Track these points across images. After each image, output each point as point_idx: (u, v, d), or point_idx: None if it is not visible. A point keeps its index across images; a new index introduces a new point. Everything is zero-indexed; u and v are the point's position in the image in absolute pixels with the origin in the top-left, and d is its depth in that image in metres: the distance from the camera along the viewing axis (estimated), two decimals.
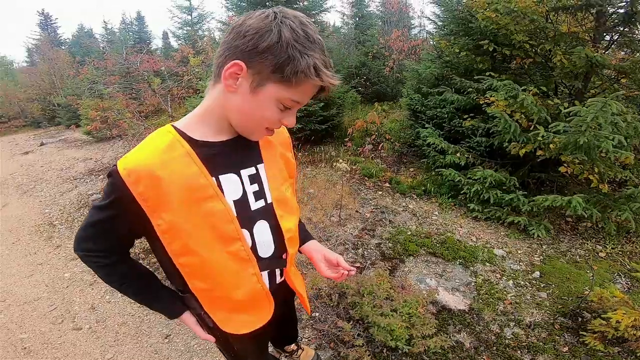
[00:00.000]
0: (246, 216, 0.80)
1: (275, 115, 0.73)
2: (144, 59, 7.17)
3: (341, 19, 12.56)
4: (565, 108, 3.08)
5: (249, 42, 0.65)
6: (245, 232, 0.80)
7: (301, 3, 6.38)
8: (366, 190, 4.29)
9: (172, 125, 0.77)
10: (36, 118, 13.32)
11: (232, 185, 0.79)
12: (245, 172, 0.82)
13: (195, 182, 0.72)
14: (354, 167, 4.66)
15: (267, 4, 5.86)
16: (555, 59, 3.31)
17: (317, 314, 2.34)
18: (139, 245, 3.25)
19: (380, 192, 4.24)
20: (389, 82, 8.11)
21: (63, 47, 18.21)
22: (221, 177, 0.77)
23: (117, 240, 0.79)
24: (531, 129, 3.21)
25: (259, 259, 0.84)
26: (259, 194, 0.84)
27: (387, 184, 4.38)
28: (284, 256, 0.92)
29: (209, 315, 0.87)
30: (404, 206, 3.92)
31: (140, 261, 3.08)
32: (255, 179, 0.83)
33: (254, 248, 0.83)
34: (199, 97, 4.56)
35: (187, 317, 0.91)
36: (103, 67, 8.96)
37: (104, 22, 19.45)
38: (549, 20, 3.51)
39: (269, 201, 0.86)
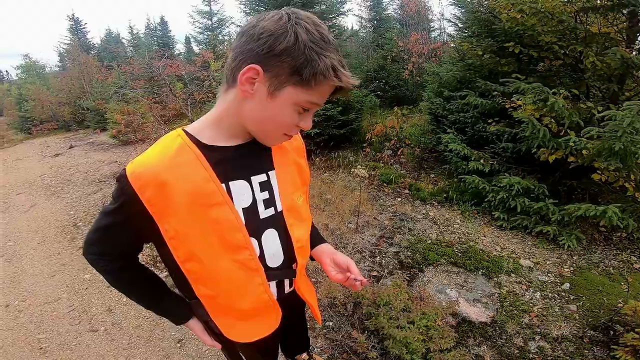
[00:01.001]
0: (255, 224, 0.78)
1: (294, 119, 0.72)
2: (166, 64, 7.35)
3: (359, 22, 12.52)
4: (598, 112, 2.92)
5: (265, 45, 0.63)
6: (254, 241, 0.78)
7: (318, 7, 6.37)
8: (385, 196, 4.20)
9: (183, 129, 0.75)
10: (66, 121, 13.92)
11: (242, 192, 0.77)
12: (256, 179, 0.80)
13: (204, 187, 0.70)
14: (372, 173, 4.58)
15: (285, 7, 5.89)
16: (587, 61, 3.13)
17: (330, 323, 2.30)
18: (148, 253, 3.28)
19: (399, 199, 4.14)
20: (409, 86, 7.98)
21: (92, 52, 18.89)
22: (231, 184, 0.75)
23: (124, 244, 0.79)
24: (562, 134, 3.05)
25: (266, 268, 0.82)
26: (269, 202, 0.82)
27: (407, 191, 4.27)
28: (293, 266, 0.89)
29: (212, 320, 0.86)
30: (424, 214, 3.80)
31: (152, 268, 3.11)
32: (265, 186, 0.81)
33: (262, 257, 0.80)
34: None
35: (194, 324, 0.91)
36: (129, 71, 9.26)
37: (130, 27, 19.95)
38: (579, 21, 3.33)
39: (279, 209, 0.83)
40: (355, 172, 3.00)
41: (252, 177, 0.79)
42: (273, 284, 0.86)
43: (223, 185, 0.73)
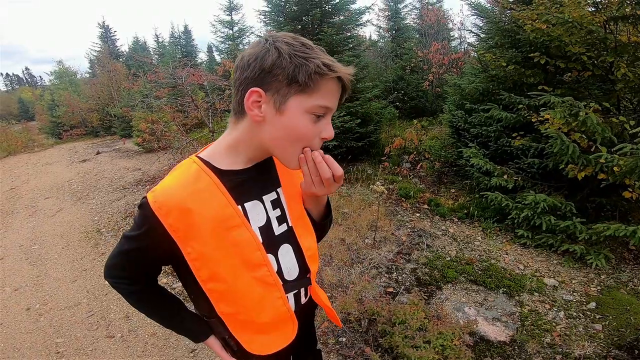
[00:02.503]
0: (271, 241, 0.82)
1: (310, 128, 0.72)
2: (189, 72, 7.55)
3: (377, 32, 12.50)
4: (631, 127, 2.78)
5: (255, 68, 0.68)
6: (271, 257, 0.82)
7: (337, 17, 6.40)
8: (403, 211, 4.13)
9: (197, 156, 0.79)
10: (95, 127, 14.49)
11: (256, 212, 0.81)
12: (268, 198, 0.84)
13: (223, 212, 0.74)
14: (390, 187, 4.51)
15: (304, 18, 5.95)
16: (618, 72, 3.01)
17: (343, 339, 2.29)
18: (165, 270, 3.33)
19: (418, 214, 4.06)
20: (428, 97, 7.88)
21: (121, 59, 19.56)
22: (246, 205, 0.79)
23: (146, 268, 0.83)
24: (592, 149, 2.93)
25: (284, 282, 0.85)
26: (282, 218, 0.86)
27: (426, 206, 4.18)
28: (307, 275, 0.93)
29: (234, 337, 0.88)
30: (443, 230, 3.72)
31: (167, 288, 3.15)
32: (276, 203, 0.86)
33: (279, 272, 0.84)
34: None
35: (213, 342, 0.92)
36: (154, 80, 9.57)
37: (156, 35, 20.52)
38: (608, 30, 3.20)
39: (290, 224, 0.88)
40: (374, 189, 2.96)
41: (264, 197, 0.83)
42: (291, 296, 0.89)
43: (239, 207, 0.77)
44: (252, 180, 0.81)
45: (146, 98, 8.60)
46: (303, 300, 0.95)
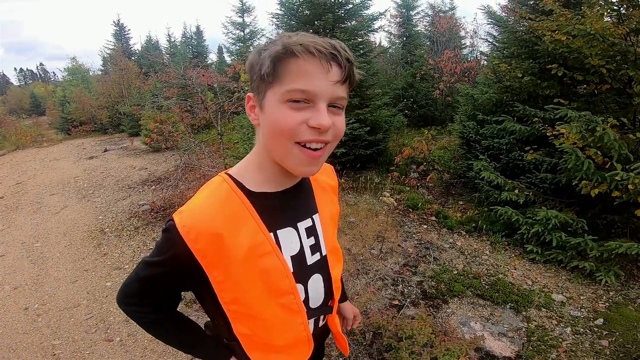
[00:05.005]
0: (302, 271, 0.79)
1: (291, 117, 0.63)
2: (200, 73, 7.56)
3: (388, 38, 12.46)
4: None
5: (250, 76, 0.69)
6: (300, 287, 0.78)
7: (349, 22, 6.37)
8: (410, 222, 4.07)
9: (228, 174, 0.75)
10: (104, 124, 14.61)
11: (289, 240, 0.76)
12: (302, 225, 0.79)
13: (254, 238, 0.70)
14: (398, 197, 4.44)
15: (317, 22, 5.92)
16: (638, 87, 2.94)
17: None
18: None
19: (425, 226, 3.99)
20: (437, 106, 7.80)
21: (133, 58, 19.72)
22: (279, 232, 0.74)
23: (166, 296, 0.79)
24: (607, 166, 2.86)
25: (308, 309, 0.82)
26: (315, 247, 0.81)
27: (433, 218, 4.10)
28: (330, 303, 0.89)
29: (247, 355, 0.84)
30: (450, 243, 3.65)
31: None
32: (311, 231, 0.80)
33: (306, 300, 0.81)
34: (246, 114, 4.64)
35: None
36: (165, 79, 9.63)
37: (168, 34, 20.70)
38: (629, 43, 3.14)
39: (323, 254, 0.83)
40: (383, 200, 2.91)
41: (298, 224, 0.78)
42: (311, 321, 0.87)
43: (271, 234, 0.72)
44: (287, 205, 0.77)
45: (156, 97, 8.64)
46: (321, 324, 0.93)
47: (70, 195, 5.85)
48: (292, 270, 0.75)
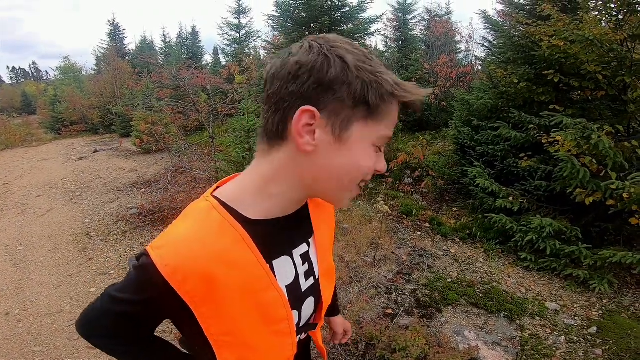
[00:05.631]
0: (297, 299, 0.72)
1: (372, 161, 0.60)
2: (193, 74, 7.48)
3: (384, 42, 12.48)
4: None
5: (308, 81, 0.53)
6: (295, 312, 0.72)
7: (346, 26, 6.35)
8: (404, 229, 4.02)
9: (215, 197, 0.62)
10: (95, 124, 14.40)
11: (285, 269, 0.69)
12: (297, 252, 0.71)
13: (251, 273, 0.60)
14: (392, 203, 4.39)
15: (313, 25, 5.89)
16: (634, 94, 2.93)
17: None
18: None
19: (419, 233, 3.95)
20: (432, 111, 7.79)
21: (127, 58, 19.51)
22: (274, 262, 0.66)
23: (142, 330, 0.67)
24: (601, 174, 2.86)
25: (297, 328, 0.77)
26: (309, 273, 0.75)
27: (427, 224, 4.06)
28: (315, 320, 0.84)
29: None
30: (445, 250, 3.61)
31: None
32: (305, 257, 0.73)
33: (298, 323, 0.75)
34: (241, 117, 4.56)
35: None
36: (158, 80, 9.52)
37: (164, 35, 20.52)
38: (626, 49, 3.14)
39: (316, 277, 0.77)
40: (377, 208, 2.86)
41: (293, 251, 0.71)
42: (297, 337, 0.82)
43: (268, 264, 0.63)
44: (283, 232, 0.67)
45: (147, 98, 8.53)
46: (302, 336, 0.86)
47: (57, 197, 5.72)
48: (287, 299, 0.70)
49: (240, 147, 4.19)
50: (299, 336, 0.81)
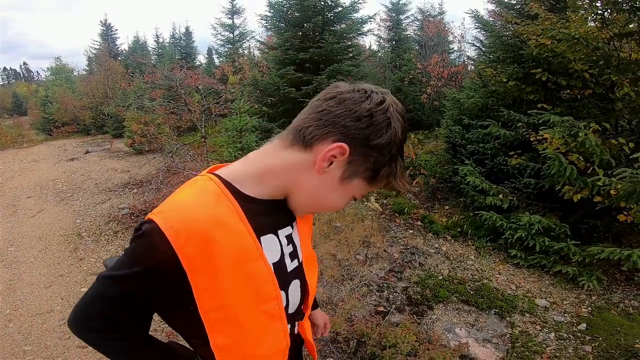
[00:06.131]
0: (284, 278, 0.76)
1: (343, 205, 0.73)
2: (187, 74, 7.45)
3: (377, 42, 12.53)
4: (629, 149, 2.78)
5: (363, 130, 0.62)
6: (282, 293, 0.76)
7: (338, 26, 6.37)
8: (396, 227, 4.05)
9: (216, 175, 0.69)
10: (87, 125, 14.24)
11: (272, 247, 0.73)
12: (283, 233, 0.77)
13: (243, 242, 0.65)
14: (384, 202, 4.42)
15: (305, 25, 5.90)
16: (620, 91, 2.98)
17: (331, 359, 2.24)
18: None
19: (411, 231, 3.98)
20: (425, 110, 7.84)
21: (119, 58, 19.34)
22: (262, 238, 0.70)
23: (138, 319, 0.67)
24: (589, 171, 2.90)
25: (287, 315, 0.80)
26: (293, 255, 0.80)
27: (419, 222, 4.10)
28: (303, 309, 0.88)
29: None
30: (436, 248, 3.64)
31: None
32: (290, 239, 0.79)
33: (286, 307, 0.79)
34: (233, 117, 4.56)
35: None
36: (151, 80, 9.46)
37: (157, 35, 20.42)
38: (612, 47, 3.18)
39: (300, 260, 0.82)
40: (369, 205, 2.88)
41: (279, 231, 0.76)
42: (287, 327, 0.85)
43: (258, 239, 0.69)
44: (271, 213, 0.73)
45: (140, 99, 8.48)
46: (296, 330, 0.90)
47: (48, 198, 5.67)
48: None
49: (232, 146, 4.20)
50: (290, 327, 0.82)
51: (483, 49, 5.29)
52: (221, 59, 15.43)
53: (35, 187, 6.27)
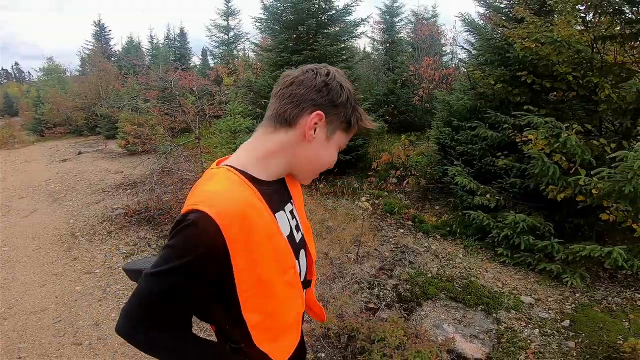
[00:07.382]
0: (295, 248, 0.86)
1: (335, 157, 0.86)
2: (181, 76, 7.45)
3: (371, 44, 12.61)
4: (611, 149, 2.86)
5: (326, 97, 0.77)
6: (296, 262, 0.86)
7: (332, 28, 6.44)
8: (387, 227, 4.12)
9: (229, 165, 0.78)
10: (79, 126, 14.08)
11: (283, 222, 0.84)
12: (287, 209, 0.88)
13: (268, 220, 0.75)
14: (376, 202, 4.49)
15: (299, 27, 5.96)
16: (602, 93, 3.06)
17: (322, 355, 2.30)
18: None
19: (401, 230, 4.06)
20: (417, 112, 7.94)
21: (112, 59, 19.17)
22: (276, 215, 0.81)
23: (188, 312, 0.70)
24: (572, 171, 2.98)
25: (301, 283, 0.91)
26: (297, 227, 0.92)
27: (410, 222, 4.18)
28: (309, 276, 0.99)
29: (261, 349, 0.80)
30: (426, 246, 3.72)
31: None
32: (292, 214, 0.91)
33: (299, 275, 0.89)
34: (227, 118, 4.60)
35: None
36: (145, 81, 9.44)
37: (151, 36, 20.29)
38: (595, 50, 3.28)
39: (302, 232, 0.94)
40: (359, 205, 2.95)
41: (285, 207, 0.87)
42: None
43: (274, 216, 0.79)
44: (277, 192, 0.85)
45: (133, 100, 8.46)
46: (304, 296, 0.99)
47: (41, 198, 5.65)
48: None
49: (226, 147, 4.24)
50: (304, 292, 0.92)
51: (473, 51, 5.37)
52: (216, 61, 15.41)
53: (28, 188, 6.24)
